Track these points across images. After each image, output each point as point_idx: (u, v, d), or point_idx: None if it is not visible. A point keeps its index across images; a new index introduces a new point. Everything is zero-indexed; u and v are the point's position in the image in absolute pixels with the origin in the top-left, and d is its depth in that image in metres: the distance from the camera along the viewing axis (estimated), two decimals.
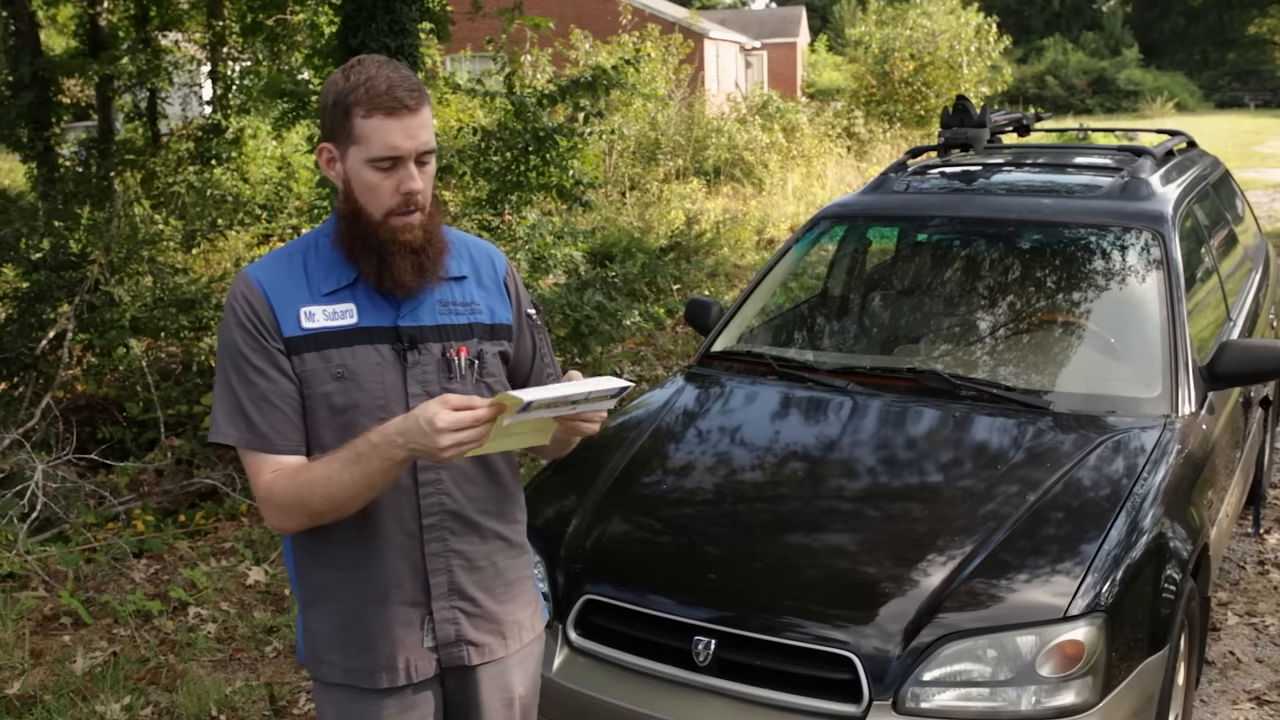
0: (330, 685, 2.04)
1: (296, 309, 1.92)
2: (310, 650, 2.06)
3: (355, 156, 1.88)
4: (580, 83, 8.60)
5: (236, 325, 1.92)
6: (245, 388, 1.90)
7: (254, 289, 1.92)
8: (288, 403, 1.91)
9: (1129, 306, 3.76)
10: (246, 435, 1.90)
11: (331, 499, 1.85)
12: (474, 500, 2.02)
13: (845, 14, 45.46)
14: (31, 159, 12.08)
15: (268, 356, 1.90)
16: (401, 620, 1.98)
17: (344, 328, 1.92)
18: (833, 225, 4.53)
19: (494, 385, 2.02)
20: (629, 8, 23.93)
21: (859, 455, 3.36)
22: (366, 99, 1.85)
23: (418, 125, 1.87)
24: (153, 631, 4.26)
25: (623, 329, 7.89)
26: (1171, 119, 35.24)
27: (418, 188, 1.88)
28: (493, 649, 2.07)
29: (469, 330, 2.01)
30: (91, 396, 6.76)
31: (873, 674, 2.54)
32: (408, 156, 1.87)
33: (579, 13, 23.12)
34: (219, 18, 13.11)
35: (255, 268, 1.98)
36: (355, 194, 1.91)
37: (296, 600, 2.09)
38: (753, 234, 12.87)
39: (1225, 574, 4.54)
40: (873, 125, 20.65)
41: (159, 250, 8.21)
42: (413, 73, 1.92)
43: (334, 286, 1.94)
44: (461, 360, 1.98)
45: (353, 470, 1.82)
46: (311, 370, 1.91)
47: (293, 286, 1.93)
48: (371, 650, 1.99)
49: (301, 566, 2.04)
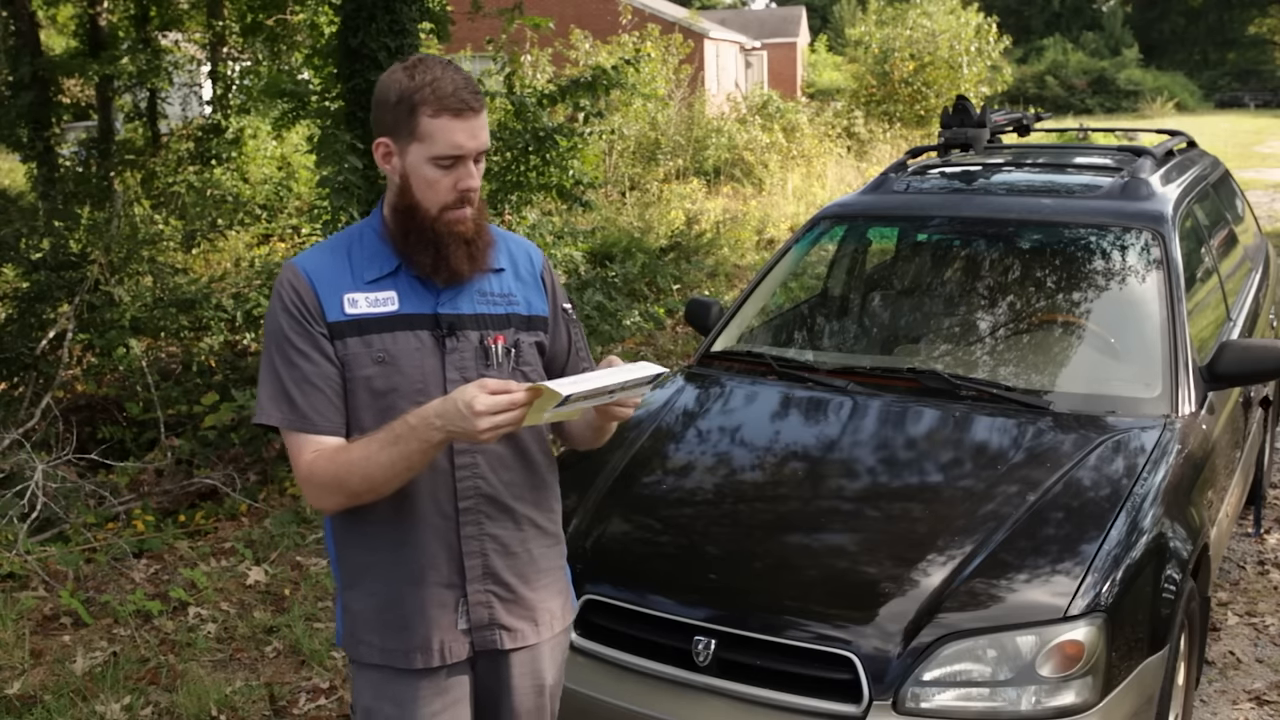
0: (367, 666, 2.09)
1: (340, 295, 1.98)
2: (349, 631, 2.11)
3: (417, 153, 1.94)
4: (580, 83, 8.60)
5: (282, 310, 1.99)
6: (289, 370, 1.97)
7: (300, 276, 2.00)
8: (329, 385, 1.97)
9: (1129, 306, 3.76)
10: (289, 416, 1.96)
11: (370, 479, 1.91)
12: (509, 485, 2.07)
13: (845, 14, 45.46)
14: (31, 159, 12.08)
15: (311, 340, 1.97)
16: (437, 602, 2.03)
17: (385, 314, 1.99)
18: (833, 225, 4.53)
19: (529, 374, 2.08)
20: (629, 8, 23.92)
21: (859, 455, 3.36)
22: (434, 99, 1.91)
23: (479, 126, 1.95)
24: (153, 631, 4.25)
25: (623, 329, 7.90)
26: (1171, 119, 35.24)
27: (476, 185, 1.97)
28: (525, 635, 2.11)
29: (506, 320, 2.07)
30: (91, 396, 6.77)
31: (873, 674, 2.54)
32: (469, 156, 1.95)
33: (579, 13, 23.12)
34: (219, 18, 13.12)
35: (302, 257, 2.06)
36: (413, 189, 1.97)
37: (336, 582, 2.14)
38: (753, 234, 12.87)
39: (1225, 574, 4.54)
40: (873, 125, 20.65)
41: (159, 250, 8.22)
42: (470, 75, 2.00)
43: (377, 275, 2.01)
44: (499, 348, 2.04)
45: (390, 452, 1.87)
46: (353, 354, 1.97)
47: (337, 274, 2.00)
48: (407, 631, 2.04)
49: (342, 548, 2.10)
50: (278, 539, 5.06)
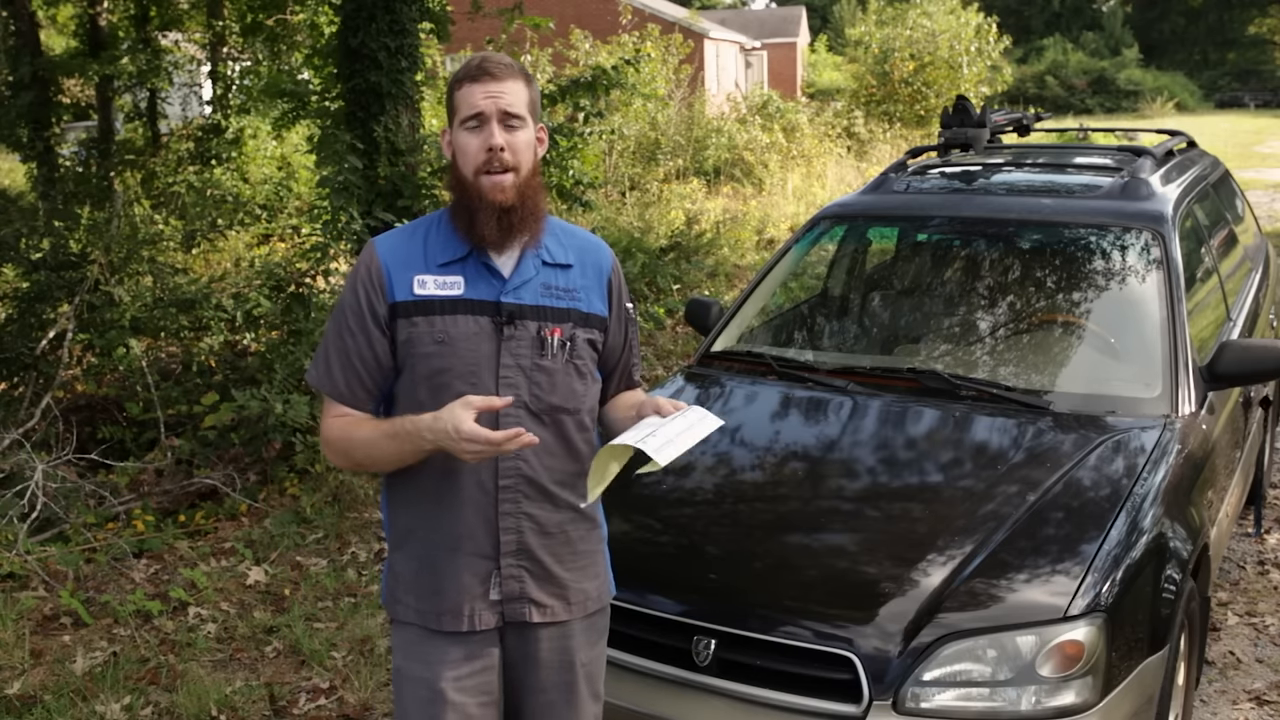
0: (404, 624, 2.22)
1: (411, 276, 2.11)
2: (390, 590, 2.24)
3: (455, 127, 2.11)
4: (580, 83, 8.61)
5: (352, 287, 2.15)
6: (337, 341, 2.14)
7: (375, 257, 2.14)
8: (367, 367, 2.13)
9: (1129, 306, 3.76)
10: (324, 379, 2.16)
11: (371, 459, 2.14)
12: (550, 470, 2.15)
13: (845, 14, 45.46)
14: (31, 159, 12.09)
15: (364, 322, 2.11)
16: (470, 570, 2.14)
17: (450, 297, 2.10)
18: (833, 225, 4.53)
19: (581, 367, 2.18)
20: (629, 8, 23.93)
21: (859, 455, 3.36)
22: (462, 74, 2.11)
23: (500, 89, 2.07)
24: (153, 631, 4.25)
25: None
26: (1171, 119, 35.24)
27: (498, 143, 2.06)
28: (555, 611, 2.20)
29: (565, 314, 2.16)
30: (91, 396, 6.76)
31: (873, 674, 2.53)
32: (490, 115, 2.06)
33: (579, 13, 23.12)
34: (219, 18, 13.12)
35: (382, 238, 2.21)
36: (456, 160, 2.12)
37: (387, 542, 2.28)
38: (753, 234, 12.87)
39: (1225, 574, 4.54)
40: (873, 125, 20.65)
41: (159, 250, 8.21)
42: (514, 59, 2.14)
43: (448, 259, 2.12)
44: (555, 340, 2.14)
45: (389, 445, 2.07)
46: (417, 333, 2.10)
47: (411, 256, 2.13)
48: (440, 594, 2.15)
49: (393, 511, 2.23)
50: (278, 539, 5.06)
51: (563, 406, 2.15)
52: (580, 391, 2.18)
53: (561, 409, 2.15)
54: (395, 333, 2.12)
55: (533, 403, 2.12)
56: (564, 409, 2.16)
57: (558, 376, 2.14)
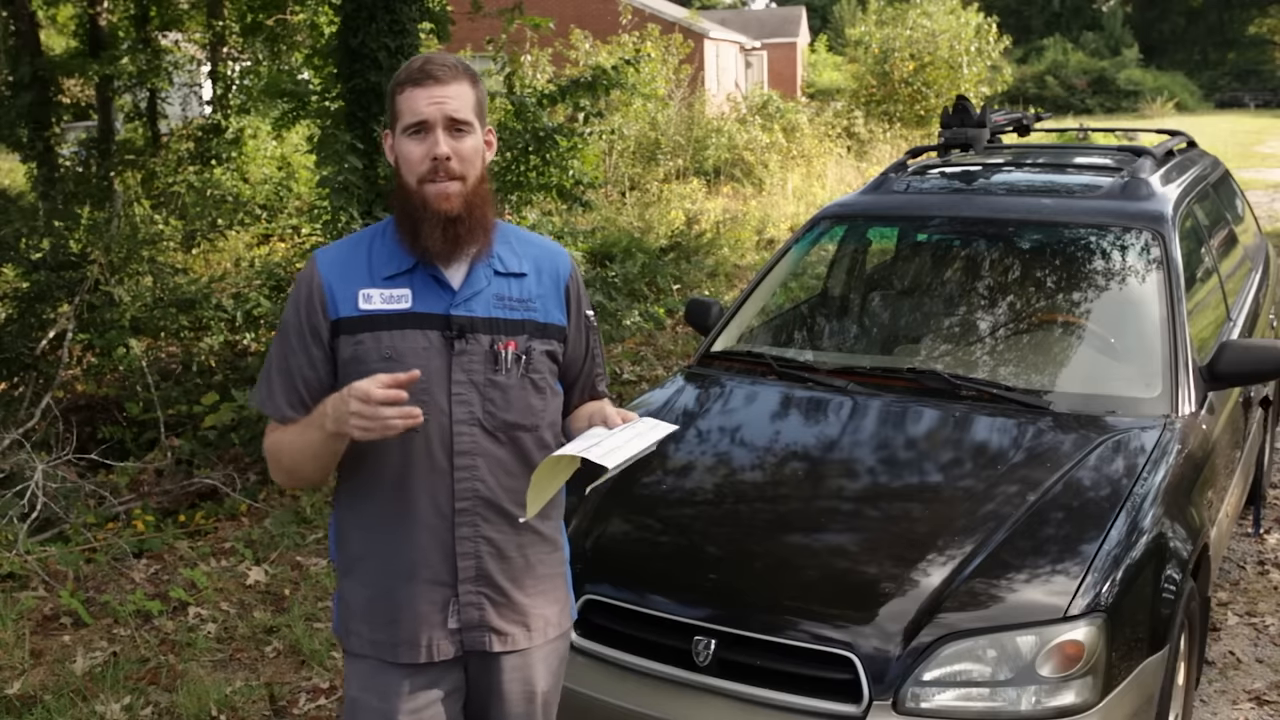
0: (357, 656, 2.11)
1: (355, 290, 2.02)
2: (343, 620, 2.14)
3: (398, 133, 2.01)
4: (580, 83, 8.60)
5: (294, 305, 2.07)
6: (280, 362, 2.07)
7: (316, 273, 2.05)
8: (310, 389, 2.03)
9: (1129, 306, 3.76)
10: (267, 402, 2.08)
11: (292, 459, 2.03)
12: (509, 491, 2.05)
13: (845, 14, 45.42)
14: (31, 159, 12.09)
15: (304, 340, 2.03)
16: (426, 599, 2.04)
17: (397, 311, 2.01)
18: (833, 225, 4.53)
19: (538, 381, 2.08)
20: (629, 8, 23.92)
21: (859, 455, 3.36)
22: (403, 77, 2.00)
23: (445, 94, 1.96)
24: (153, 631, 4.25)
25: (623, 329, 7.90)
26: (1171, 119, 35.23)
27: (443, 152, 1.96)
28: (516, 639, 2.11)
29: (520, 326, 2.06)
30: (91, 396, 6.77)
31: (873, 674, 2.53)
32: (434, 122, 1.96)
33: (579, 13, 23.11)
34: (219, 18, 13.11)
35: (324, 252, 2.11)
36: (399, 168, 2.02)
37: (335, 570, 2.18)
38: (753, 234, 12.87)
39: (1225, 574, 4.54)
40: (873, 125, 20.66)
41: (159, 250, 8.21)
42: (458, 58, 2.03)
43: (393, 271, 2.03)
44: (509, 354, 2.04)
45: (300, 437, 1.98)
46: (364, 349, 2.00)
47: (355, 269, 2.04)
48: (395, 624, 2.05)
49: (341, 537, 2.14)
50: (278, 539, 5.05)
51: (519, 424, 2.05)
52: (538, 407, 2.08)
53: (518, 426, 2.05)
54: (338, 350, 2.02)
55: (487, 420, 2.02)
56: (521, 426, 2.06)
57: (513, 392, 2.04)
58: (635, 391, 7.08)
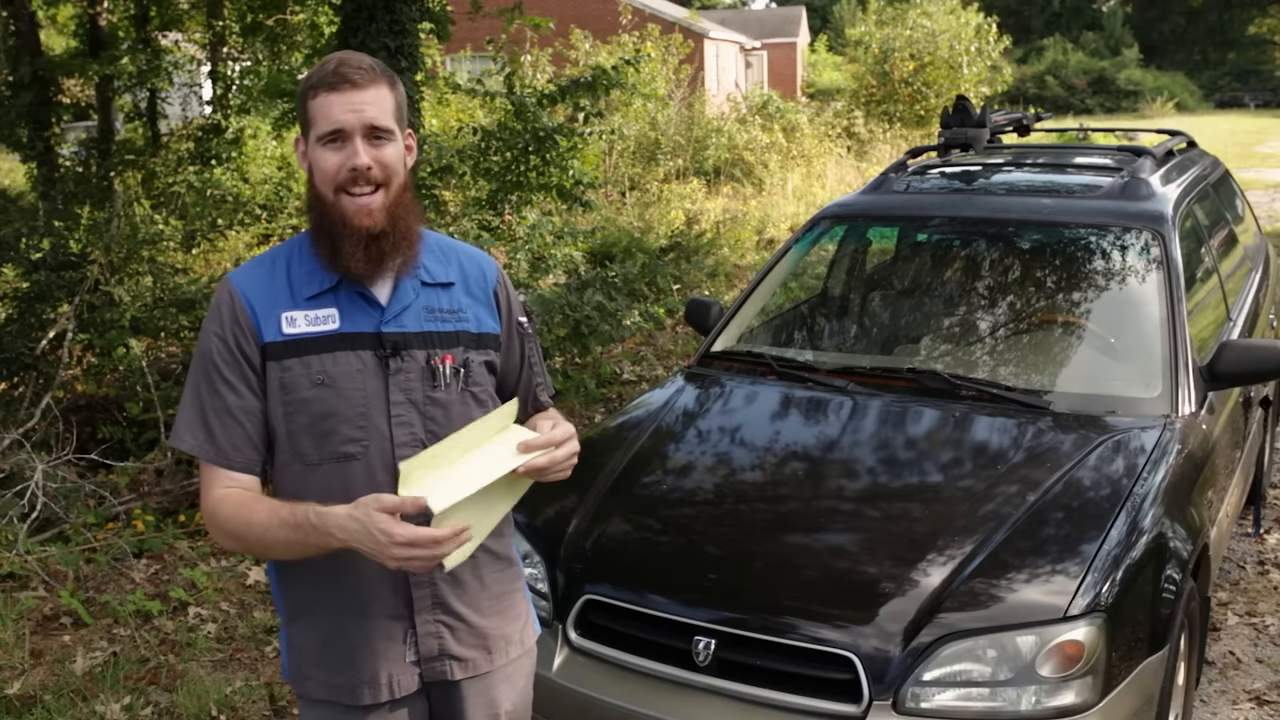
0: (314, 701, 2.02)
1: (278, 314, 1.89)
2: (295, 666, 2.03)
3: (312, 140, 1.87)
4: (580, 83, 8.61)
5: (216, 333, 1.90)
6: (212, 399, 1.89)
7: (235, 296, 1.91)
8: (250, 420, 1.90)
9: (1129, 306, 3.76)
10: (205, 446, 1.90)
11: (265, 546, 1.86)
12: None
13: (845, 14, 45.43)
14: (31, 159, 12.07)
15: (239, 370, 1.88)
16: (383, 634, 1.95)
17: (325, 333, 1.89)
18: (833, 225, 4.53)
19: (479, 394, 1.99)
20: (629, 8, 23.93)
21: (859, 455, 3.36)
22: (317, 80, 1.86)
23: (363, 101, 1.84)
24: (153, 631, 4.25)
25: (623, 329, 7.89)
26: (1171, 119, 35.23)
27: (363, 163, 1.84)
28: (477, 664, 2.04)
29: (455, 338, 1.96)
30: (91, 396, 6.76)
31: (873, 674, 2.54)
32: (352, 130, 1.84)
33: (579, 13, 23.11)
34: (219, 18, 13.10)
35: (238, 273, 1.95)
36: (314, 178, 1.89)
37: (280, 615, 2.05)
38: (753, 234, 12.87)
39: (1225, 574, 4.54)
40: (873, 125, 20.65)
41: (159, 250, 8.20)
42: (374, 58, 1.92)
43: (316, 291, 1.90)
44: (446, 368, 1.94)
45: (289, 534, 1.81)
46: (292, 377, 1.88)
47: (275, 291, 1.91)
48: (353, 665, 1.96)
49: (283, 580, 2.00)
50: None
51: None
52: None
53: None
54: (265, 379, 1.88)
55: (429, 440, 1.89)
56: None
57: (454, 409, 1.94)
58: (635, 391, 7.08)
